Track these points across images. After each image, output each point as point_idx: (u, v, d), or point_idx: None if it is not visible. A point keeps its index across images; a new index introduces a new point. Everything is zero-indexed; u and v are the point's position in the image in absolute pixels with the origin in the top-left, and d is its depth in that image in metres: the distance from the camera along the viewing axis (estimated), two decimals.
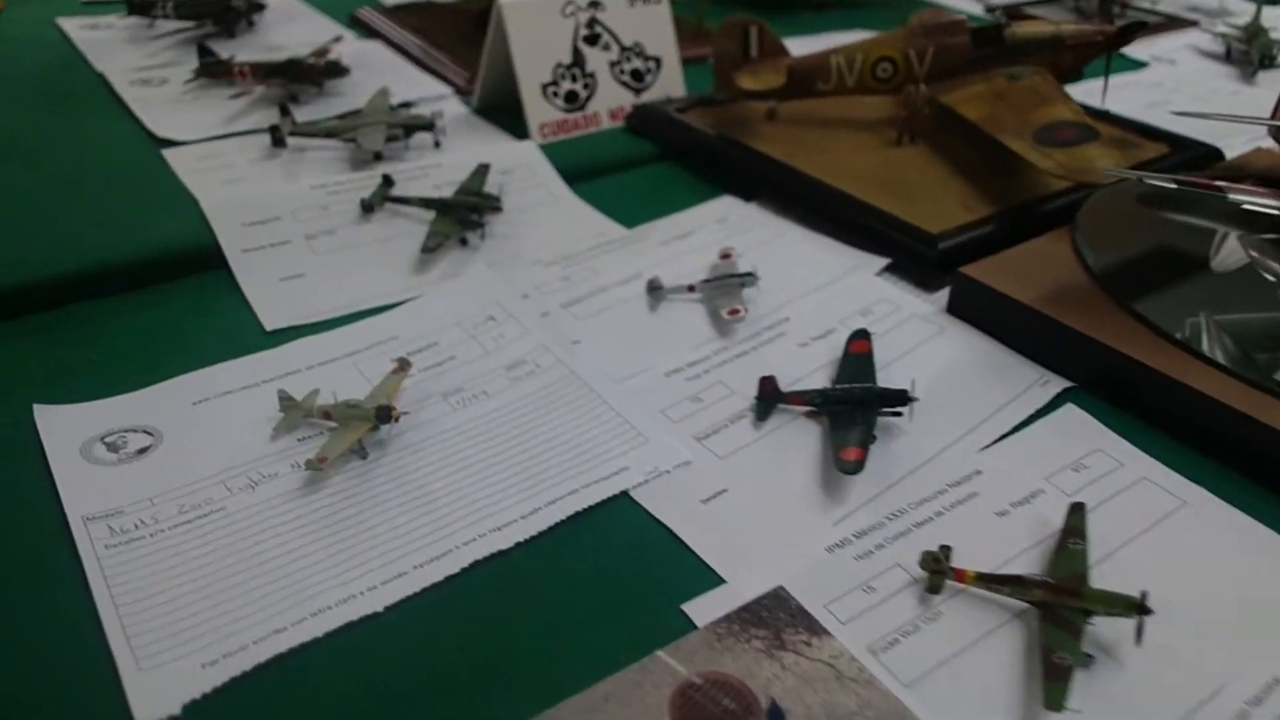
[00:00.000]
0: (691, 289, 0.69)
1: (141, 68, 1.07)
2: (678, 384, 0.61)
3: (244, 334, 0.65)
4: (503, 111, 0.98)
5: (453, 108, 1.01)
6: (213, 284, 0.70)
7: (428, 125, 0.89)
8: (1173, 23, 1.53)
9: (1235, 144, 0.90)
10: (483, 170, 0.82)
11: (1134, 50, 1.22)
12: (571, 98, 0.95)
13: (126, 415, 0.56)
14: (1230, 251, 0.69)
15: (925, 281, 0.73)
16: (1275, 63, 1.27)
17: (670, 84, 1.03)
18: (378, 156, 0.86)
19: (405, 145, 0.88)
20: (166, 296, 0.68)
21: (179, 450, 0.53)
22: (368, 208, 0.77)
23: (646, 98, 1.01)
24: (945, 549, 0.46)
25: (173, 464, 0.52)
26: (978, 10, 1.52)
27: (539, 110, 0.93)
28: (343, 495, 0.50)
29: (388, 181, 0.79)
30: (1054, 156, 0.76)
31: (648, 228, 0.79)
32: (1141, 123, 0.93)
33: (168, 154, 0.86)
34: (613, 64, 0.98)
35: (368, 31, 1.24)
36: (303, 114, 0.94)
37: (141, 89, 1.01)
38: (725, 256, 0.72)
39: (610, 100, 0.98)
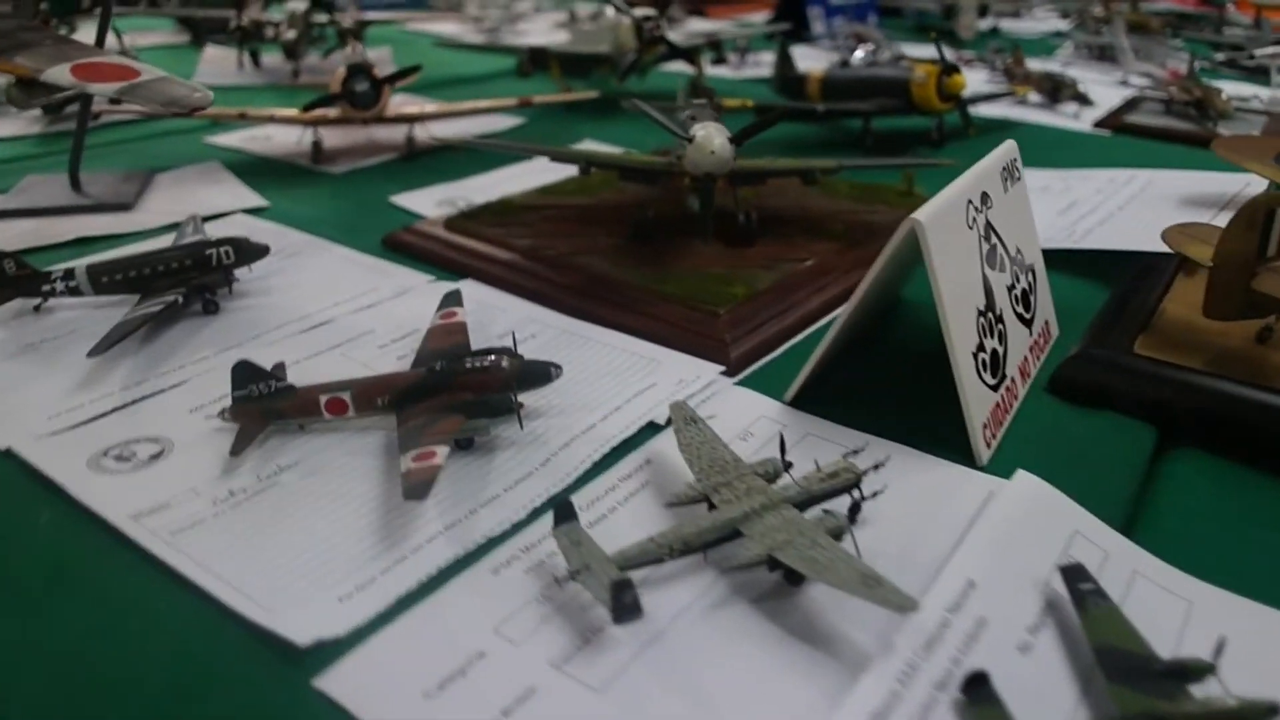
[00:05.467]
0: None
1: (77, 423, 0.53)
2: None
3: None
4: (824, 400, 0.55)
5: (739, 401, 0.56)
6: None
7: (851, 484, 0.44)
8: None
9: None
10: (1107, 610, 0.38)
11: None
12: (995, 364, 0.54)
13: None
14: None
15: None
16: None
17: (1046, 303, 0.64)
18: (795, 578, 0.40)
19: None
20: None
21: None
22: None
23: (1037, 332, 0.62)
24: None
25: None
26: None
27: (980, 400, 0.51)
28: None
29: (982, 688, 0.34)
30: None
31: None
32: None
33: (334, 686, 0.35)
34: (1009, 289, 0.59)
35: (436, 266, 0.75)
36: (498, 476, 0.47)
37: (127, 478, 0.48)
38: None
39: (1015, 352, 0.58)
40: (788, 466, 0.45)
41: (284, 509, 0.46)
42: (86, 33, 1.31)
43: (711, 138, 0.65)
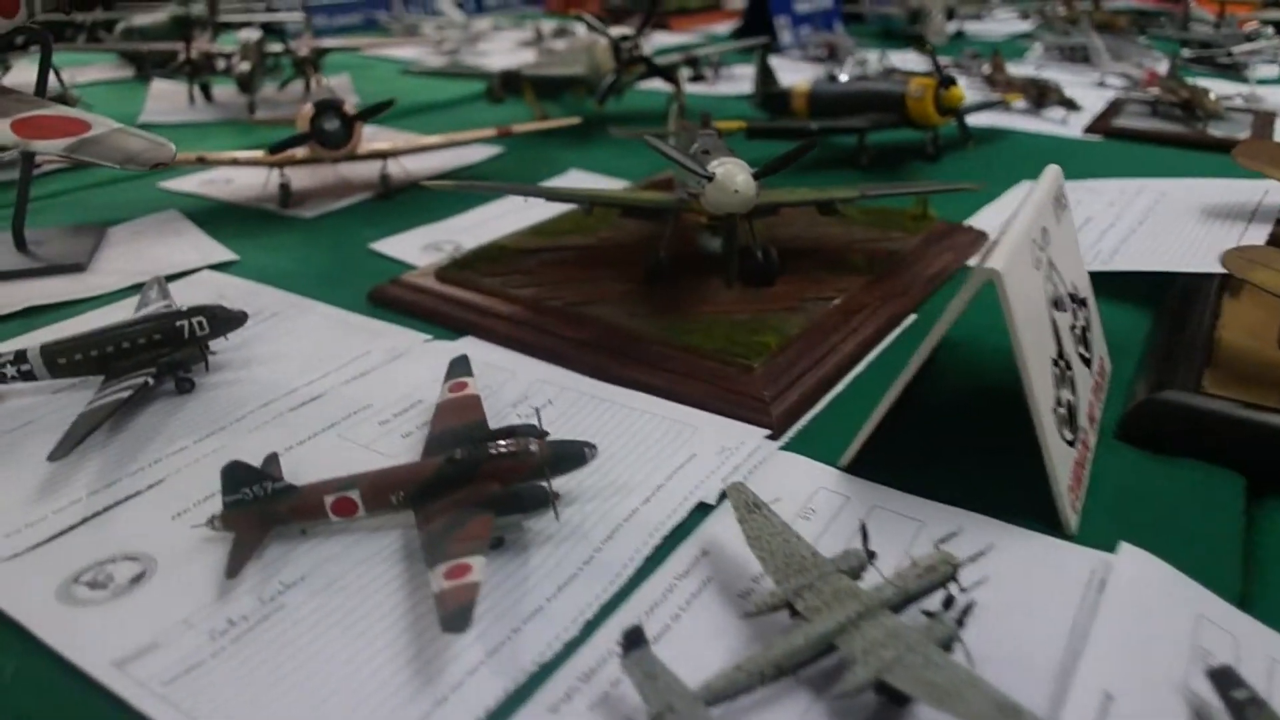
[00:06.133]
0: None
1: (39, 541, 0.46)
2: None
3: None
4: (880, 462, 0.50)
5: (790, 471, 0.51)
6: None
7: (948, 577, 0.39)
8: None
9: None
10: None
11: None
12: (1070, 417, 0.49)
13: None
14: None
15: None
16: None
17: (1099, 338, 0.60)
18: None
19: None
20: None
21: None
22: None
23: (1095, 371, 0.57)
24: None
25: None
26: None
27: (1063, 461, 0.46)
28: None
29: None
30: None
31: None
32: None
33: None
34: (1071, 329, 0.54)
35: (431, 322, 0.69)
36: (538, 582, 0.41)
37: (104, 610, 0.41)
38: None
39: (1083, 399, 0.53)
40: (871, 557, 0.40)
41: (294, 640, 0.39)
42: (21, 71, 1.23)
43: (734, 175, 0.59)
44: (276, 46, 1.45)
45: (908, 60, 1.70)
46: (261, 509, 0.45)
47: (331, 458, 0.52)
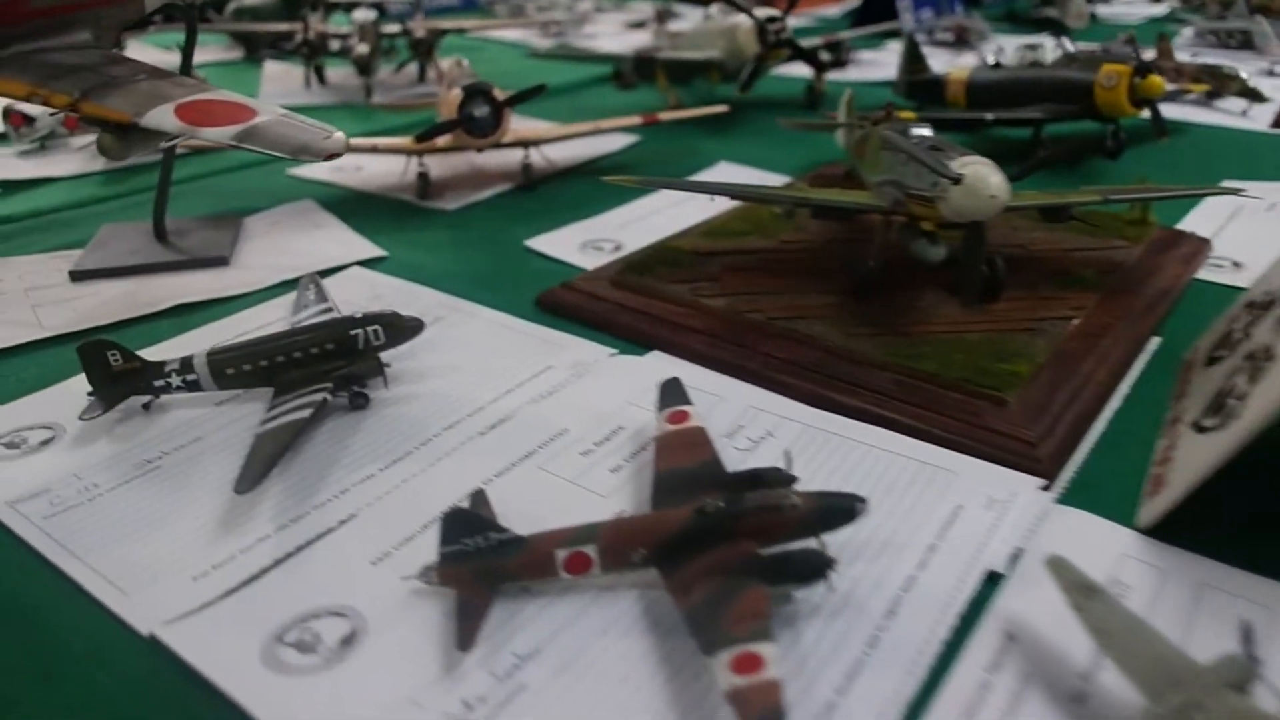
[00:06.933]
0: None
1: (231, 588, 0.40)
2: None
3: None
4: (1187, 523, 0.42)
5: (1076, 531, 0.43)
6: None
7: None
8: None
9: None
10: None
11: None
12: None
13: None
14: None
15: None
16: None
17: None
18: None
19: None
20: None
21: None
22: None
23: None
24: None
25: None
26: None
27: None
28: None
29: None
30: None
31: None
32: None
33: None
34: None
35: (609, 333, 0.62)
36: (818, 669, 0.34)
37: (319, 682, 0.35)
38: None
39: None
40: (1255, 664, 0.32)
41: None
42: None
43: (987, 178, 0.51)
44: (393, 27, 1.40)
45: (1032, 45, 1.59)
46: (484, 564, 0.38)
47: (536, 494, 0.46)
